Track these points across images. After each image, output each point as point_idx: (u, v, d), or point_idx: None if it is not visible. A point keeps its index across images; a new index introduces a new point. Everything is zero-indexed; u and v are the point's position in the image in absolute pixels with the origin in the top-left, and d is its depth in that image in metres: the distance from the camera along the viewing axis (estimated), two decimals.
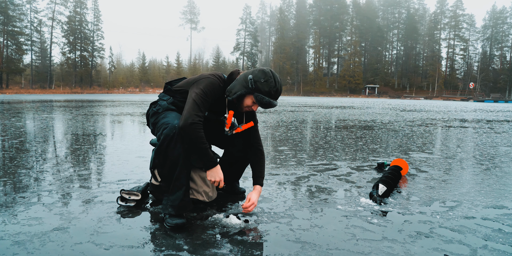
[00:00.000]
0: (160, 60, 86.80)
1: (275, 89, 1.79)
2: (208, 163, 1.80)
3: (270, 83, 1.77)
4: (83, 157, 3.54)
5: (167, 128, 1.76)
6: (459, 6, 72.04)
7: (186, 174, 1.80)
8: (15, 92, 40.78)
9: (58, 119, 7.85)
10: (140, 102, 19.25)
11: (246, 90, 1.79)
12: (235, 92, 1.82)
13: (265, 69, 1.81)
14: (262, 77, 1.77)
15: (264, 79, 1.77)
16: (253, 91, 1.79)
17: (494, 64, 72.29)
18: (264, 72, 1.79)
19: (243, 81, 1.80)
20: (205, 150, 1.77)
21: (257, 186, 1.98)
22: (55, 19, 55.97)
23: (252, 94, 1.80)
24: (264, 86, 1.77)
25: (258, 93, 1.78)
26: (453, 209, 2.09)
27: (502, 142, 5.31)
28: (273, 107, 1.84)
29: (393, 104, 25.66)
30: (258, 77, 1.77)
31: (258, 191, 1.96)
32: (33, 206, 1.99)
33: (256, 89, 1.78)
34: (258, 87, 1.77)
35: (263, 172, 2.05)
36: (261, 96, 1.78)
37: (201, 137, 1.75)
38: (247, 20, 72.15)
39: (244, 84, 1.80)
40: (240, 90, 1.80)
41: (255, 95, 1.79)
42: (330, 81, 72.12)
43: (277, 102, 1.84)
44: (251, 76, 1.78)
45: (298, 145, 4.62)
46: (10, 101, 17.98)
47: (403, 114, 12.61)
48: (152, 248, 1.51)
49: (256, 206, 2.07)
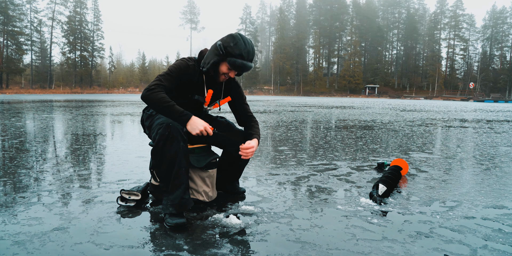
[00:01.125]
0: (160, 60, 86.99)
1: (246, 51, 1.80)
2: (182, 117, 1.76)
3: (239, 45, 1.78)
4: (83, 157, 3.54)
5: (162, 128, 1.76)
6: (459, 6, 72.05)
7: (184, 172, 1.79)
8: (15, 92, 40.78)
9: (58, 119, 7.85)
10: (140, 102, 19.24)
11: (218, 57, 1.82)
12: (208, 61, 1.85)
13: (233, 34, 1.82)
14: (231, 41, 1.79)
15: (233, 43, 1.78)
16: (225, 56, 1.81)
17: (494, 64, 72.30)
18: (232, 36, 1.81)
19: (214, 49, 1.84)
20: (170, 107, 1.75)
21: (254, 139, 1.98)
22: (55, 19, 56.00)
23: (225, 60, 1.82)
24: (234, 50, 1.78)
25: (230, 57, 1.80)
26: (453, 209, 2.09)
27: (502, 142, 5.31)
28: (249, 70, 1.84)
29: (393, 104, 25.66)
30: (227, 42, 1.80)
31: (255, 140, 1.96)
32: (33, 206, 1.99)
33: (228, 53, 1.80)
34: (229, 51, 1.79)
35: (258, 132, 2.06)
36: (233, 60, 1.79)
37: (162, 98, 1.76)
38: (247, 20, 72.16)
39: (215, 52, 1.82)
40: (212, 59, 1.83)
41: (227, 60, 1.81)
42: (330, 81, 72.10)
43: (251, 63, 1.85)
44: (220, 42, 1.81)
45: (298, 145, 4.62)
46: (10, 101, 17.98)
47: (403, 114, 12.61)
48: (152, 248, 1.51)
49: (256, 206, 2.07)
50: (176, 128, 1.77)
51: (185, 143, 1.80)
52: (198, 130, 1.76)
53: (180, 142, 1.76)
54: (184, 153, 1.79)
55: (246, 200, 2.21)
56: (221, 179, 2.28)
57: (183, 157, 1.78)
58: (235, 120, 2.22)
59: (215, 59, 1.83)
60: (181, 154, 1.77)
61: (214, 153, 2.15)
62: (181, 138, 1.77)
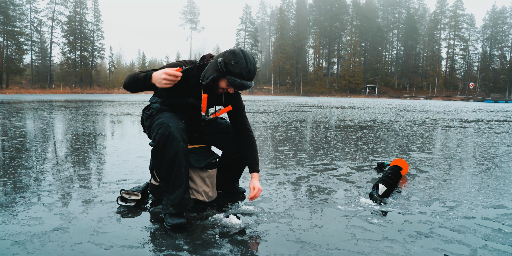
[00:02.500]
0: (160, 60, 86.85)
1: (247, 70, 1.75)
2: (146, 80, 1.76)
3: (240, 64, 1.73)
4: (83, 157, 3.54)
5: (162, 128, 1.76)
6: (459, 6, 72.05)
7: (184, 172, 1.79)
8: (15, 92, 40.78)
9: (58, 119, 7.85)
10: (140, 102, 19.24)
11: (218, 73, 1.78)
12: (208, 76, 1.81)
13: (235, 50, 1.77)
14: (233, 59, 1.74)
15: (235, 61, 1.73)
16: (225, 74, 1.77)
17: (494, 64, 72.29)
18: (234, 53, 1.75)
19: (215, 64, 1.79)
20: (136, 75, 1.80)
21: (254, 174, 2.01)
22: (55, 19, 55.98)
23: (225, 77, 1.79)
24: (235, 68, 1.74)
25: (230, 75, 1.76)
26: (453, 209, 2.09)
27: (502, 142, 5.31)
28: (248, 88, 1.83)
29: (393, 104, 25.66)
30: (229, 59, 1.75)
31: (257, 178, 1.99)
32: (33, 206, 1.99)
33: (228, 71, 1.76)
34: (229, 69, 1.75)
35: (256, 158, 2.06)
36: (233, 79, 1.75)
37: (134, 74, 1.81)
38: (247, 20, 72.14)
39: (216, 68, 1.78)
40: (212, 74, 1.79)
41: (227, 78, 1.77)
42: (330, 81, 72.11)
43: (251, 82, 1.81)
44: (221, 59, 1.76)
45: (298, 145, 4.62)
46: (10, 101, 17.98)
47: (403, 114, 12.61)
48: (152, 248, 1.51)
49: (256, 206, 2.07)
50: (176, 128, 1.77)
51: (185, 143, 1.80)
52: (163, 82, 1.69)
53: (180, 142, 1.76)
54: (184, 153, 1.79)
55: (246, 200, 2.21)
56: (221, 180, 2.28)
57: (183, 157, 1.78)
58: None
59: (214, 75, 1.79)
60: (181, 154, 1.76)
61: (214, 153, 2.15)
62: (181, 138, 1.77)
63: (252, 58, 1.80)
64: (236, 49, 1.78)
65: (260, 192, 1.94)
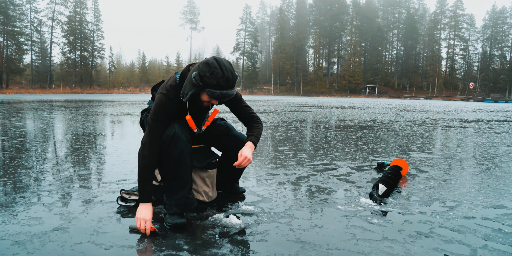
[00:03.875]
0: (160, 60, 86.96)
1: (224, 79, 1.63)
2: (141, 196, 1.75)
3: (216, 74, 1.62)
4: (83, 157, 3.54)
5: (166, 129, 1.78)
6: (459, 6, 72.04)
7: (189, 172, 1.80)
8: (15, 92, 40.78)
9: (58, 119, 7.85)
10: (140, 102, 19.24)
11: (195, 88, 1.68)
12: (187, 92, 1.71)
13: (209, 60, 1.67)
14: (207, 70, 1.63)
15: (210, 72, 1.63)
16: (202, 87, 1.67)
17: (494, 64, 72.27)
18: (207, 64, 1.64)
19: (191, 79, 1.69)
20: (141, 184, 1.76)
21: (248, 142, 1.91)
22: (55, 19, 55.99)
23: (204, 90, 1.69)
24: (211, 80, 1.63)
25: (208, 88, 1.65)
26: (453, 209, 2.09)
27: (502, 142, 5.31)
28: (231, 97, 1.72)
29: (393, 104, 25.66)
30: (203, 71, 1.64)
31: (249, 146, 1.88)
32: (33, 206, 1.99)
33: (205, 84, 1.65)
34: (205, 82, 1.64)
35: (257, 134, 1.98)
36: (211, 91, 1.65)
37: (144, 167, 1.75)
38: (247, 20, 72.13)
39: (192, 82, 1.69)
40: (190, 90, 1.70)
41: (206, 90, 1.67)
42: (330, 81, 72.10)
43: (233, 90, 1.70)
44: (196, 73, 1.65)
45: (298, 145, 4.62)
46: (10, 101, 17.98)
47: (403, 114, 12.61)
48: (152, 248, 1.51)
49: (256, 206, 2.07)
50: (180, 128, 1.78)
51: (190, 143, 1.81)
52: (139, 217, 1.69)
53: (185, 142, 1.77)
54: (189, 153, 1.79)
55: (246, 200, 2.21)
56: (221, 180, 2.28)
57: (188, 157, 1.79)
58: (238, 120, 2.17)
59: (192, 90, 1.68)
60: (186, 154, 1.78)
61: (214, 154, 2.15)
62: (185, 138, 1.78)
63: (229, 64, 1.68)
64: (209, 59, 1.68)
65: (248, 162, 1.82)
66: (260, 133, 2.02)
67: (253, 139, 1.95)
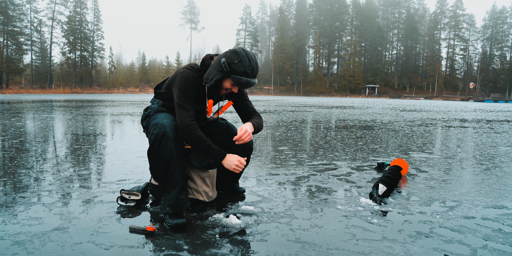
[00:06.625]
0: (160, 60, 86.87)
1: (250, 68, 1.77)
2: (217, 157, 1.84)
3: (244, 62, 1.75)
4: (83, 157, 3.54)
5: (156, 128, 1.78)
6: (459, 6, 72.05)
7: (180, 172, 1.80)
8: (15, 92, 40.78)
9: (58, 119, 7.85)
10: (140, 102, 19.24)
11: (222, 74, 1.80)
12: (212, 78, 1.82)
13: (237, 49, 1.80)
14: (236, 58, 1.75)
15: (238, 60, 1.75)
16: (229, 74, 1.78)
17: (494, 64, 72.28)
18: (236, 52, 1.77)
19: (218, 65, 1.80)
20: (208, 147, 1.81)
21: (248, 122, 1.94)
22: (55, 19, 55.97)
23: (229, 77, 1.80)
24: (239, 67, 1.75)
25: (235, 74, 1.77)
26: (453, 209, 2.09)
27: (502, 142, 5.31)
28: (253, 85, 1.84)
29: (393, 104, 25.66)
30: (232, 58, 1.76)
31: (248, 124, 1.91)
32: (33, 206, 1.99)
33: (232, 71, 1.77)
34: (233, 68, 1.76)
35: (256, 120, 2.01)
36: (238, 78, 1.76)
37: (200, 136, 1.79)
38: (247, 20, 72.13)
39: (219, 68, 1.79)
40: (216, 75, 1.80)
41: (232, 77, 1.78)
42: (330, 81, 72.10)
43: (256, 79, 1.83)
44: (224, 59, 1.77)
45: (298, 145, 4.62)
46: (10, 101, 17.98)
47: (403, 114, 12.61)
48: (152, 248, 1.51)
49: (256, 206, 2.07)
50: (171, 127, 1.77)
51: (180, 143, 1.81)
52: (234, 166, 1.83)
53: (174, 142, 1.77)
54: (179, 153, 1.79)
55: (246, 200, 2.21)
56: (221, 180, 2.28)
57: (177, 157, 1.79)
58: (240, 119, 2.20)
59: (218, 76, 1.80)
60: (175, 154, 1.78)
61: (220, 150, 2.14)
62: (176, 137, 1.78)
63: (254, 56, 1.82)
64: (237, 48, 1.80)
65: (249, 138, 1.82)
66: (260, 124, 2.04)
67: (253, 122, 1.97)
